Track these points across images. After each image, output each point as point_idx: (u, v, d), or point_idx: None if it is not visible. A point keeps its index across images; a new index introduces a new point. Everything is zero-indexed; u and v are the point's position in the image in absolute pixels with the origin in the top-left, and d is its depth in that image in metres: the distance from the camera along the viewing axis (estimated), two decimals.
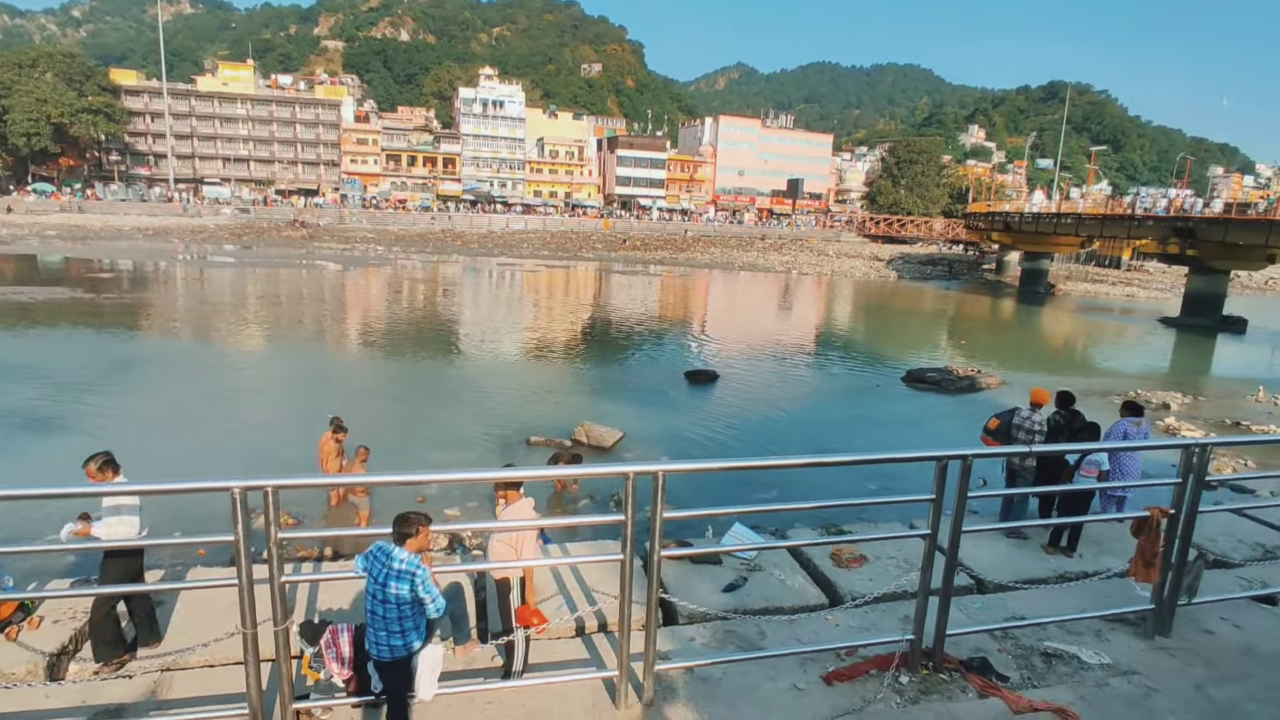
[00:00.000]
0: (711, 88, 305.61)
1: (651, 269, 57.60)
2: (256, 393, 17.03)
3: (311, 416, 13.73)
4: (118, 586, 4.97)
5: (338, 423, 9.65)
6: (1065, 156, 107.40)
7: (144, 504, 5.22)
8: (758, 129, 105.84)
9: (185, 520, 8.63)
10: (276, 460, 11.69)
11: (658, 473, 3.75)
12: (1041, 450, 5.65)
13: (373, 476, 8.23)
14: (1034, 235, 54.60)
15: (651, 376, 20.85)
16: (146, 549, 5.78)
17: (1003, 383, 20.59)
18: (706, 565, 6.13)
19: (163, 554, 8.10)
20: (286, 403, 16.13)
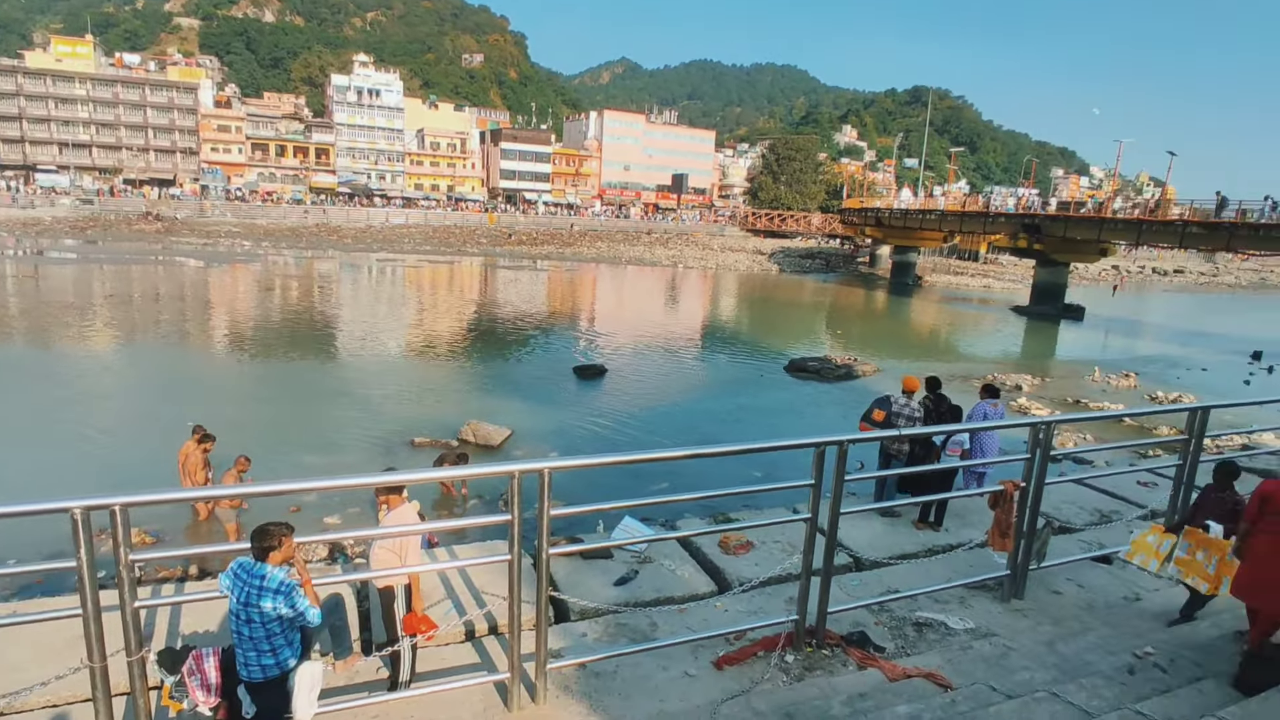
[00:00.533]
0: (596, 82, 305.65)
1: (538, 264, 57.07)
2: (107, 400, 15.61)
3: (171, 425, 12.71)
4: None
5: (202, 431, 8.95)
6: (929, 157, 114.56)
7: None
8: (642, 124, 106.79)
9: (28, 544, 7.79)
10: (133, 473, 10.75)
11: (543, 470, 3.70)
12: (911, 433, 6.02)
13: (238, 488, 7.70)
14: (903, 230, 58.10)
15: (540, 372, 20.68)
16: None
17: (877, 370, 21.76)
18: (598, 560, 6.13)
19: None
20: (143, 411, 14.88)
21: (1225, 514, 5.08)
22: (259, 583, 3.47)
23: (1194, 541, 5.07)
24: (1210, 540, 4.98)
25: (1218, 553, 4.93)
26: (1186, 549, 5.08)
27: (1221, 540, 4.93)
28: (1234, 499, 5.17)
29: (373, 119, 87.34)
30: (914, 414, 7.81)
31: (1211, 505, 5.23)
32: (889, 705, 4.10)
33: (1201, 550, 5.02)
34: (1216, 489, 5.28)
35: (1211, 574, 4.96)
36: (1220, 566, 4.91)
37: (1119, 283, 67.48)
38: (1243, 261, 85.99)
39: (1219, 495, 5.24)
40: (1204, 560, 5.00)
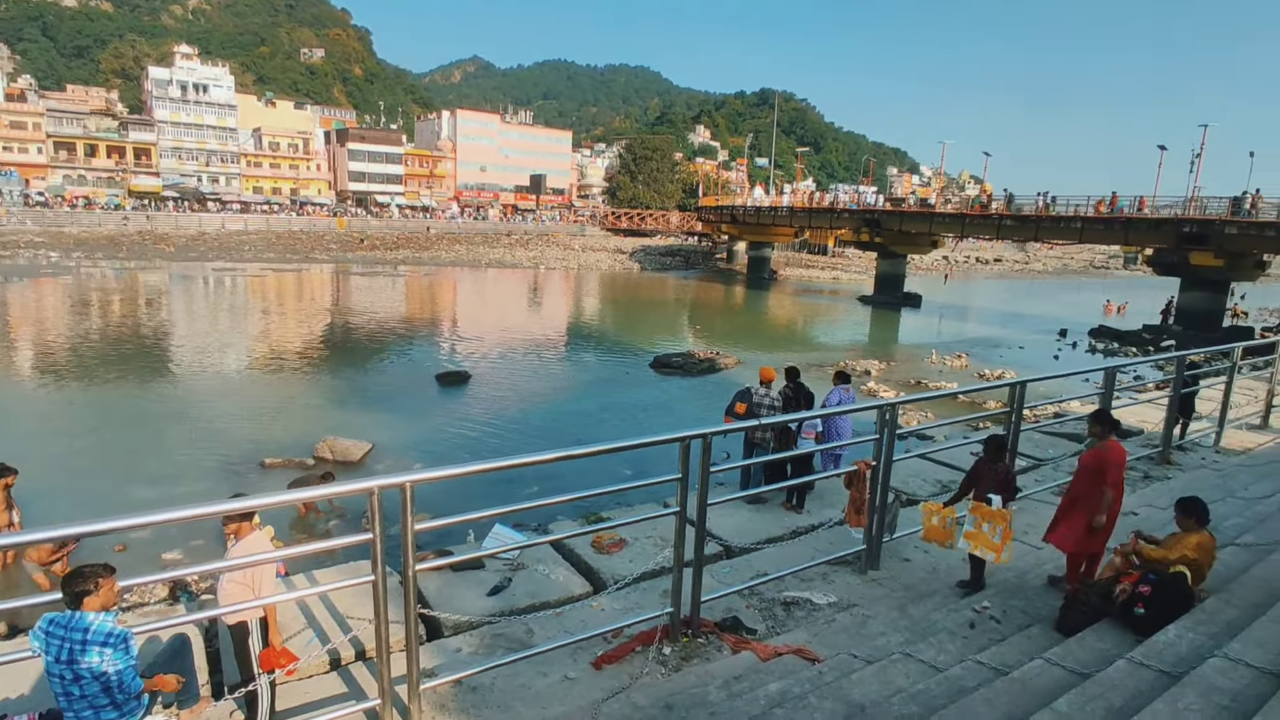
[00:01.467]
0: (447, 80, 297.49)
1: (394, 269, 54.83)
2: None
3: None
4: None
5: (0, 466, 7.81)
6: (777, 156, 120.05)
7: None
8: (498, 124, 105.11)
9: None
10: None
11: (405, 484, 3.54)
12: (769, 422, 6.29)
13: (51, 531, 6.81)
14: (757, 227, 60.64)
15: (401, 382, 19.89)
16: None
17: (739, 362, 22.58)
18: (470, 571, 5.96)
19: None
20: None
21: (999, 484, 5.38)
22: (81, 635, 3.09)
23: (980, 515, 5.32)
24: (993, 512, 5.26)
25: (1001, 523, 5.23)
26: (973, 523, 5.35)
27: (1003, 510, 5.24)
28: (1005, 469, 5.48)
29: (201, 116, 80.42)
30: (774, 403, 8.17)
31: (987, 477, 5.48)
32: (762, 684, 4.25)
33: (987, 522, 5.28)
34: (989, 461, 5.53)
35: (997, 543, 5.25)
36: (1004, 535, 5.23)
37: (949, 272, 73.79)
38: (1049, 250, 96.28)
39: (992, 467, 5.49)
40: (990, 531, 5.26)
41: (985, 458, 5.58)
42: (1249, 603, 4.33)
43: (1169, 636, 4.00)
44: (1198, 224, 32.95)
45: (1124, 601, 4.48)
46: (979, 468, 5.61)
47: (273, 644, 4.53)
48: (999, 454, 5.54)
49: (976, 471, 5.62)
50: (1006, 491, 5.39)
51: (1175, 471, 8.96)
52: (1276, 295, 53.40)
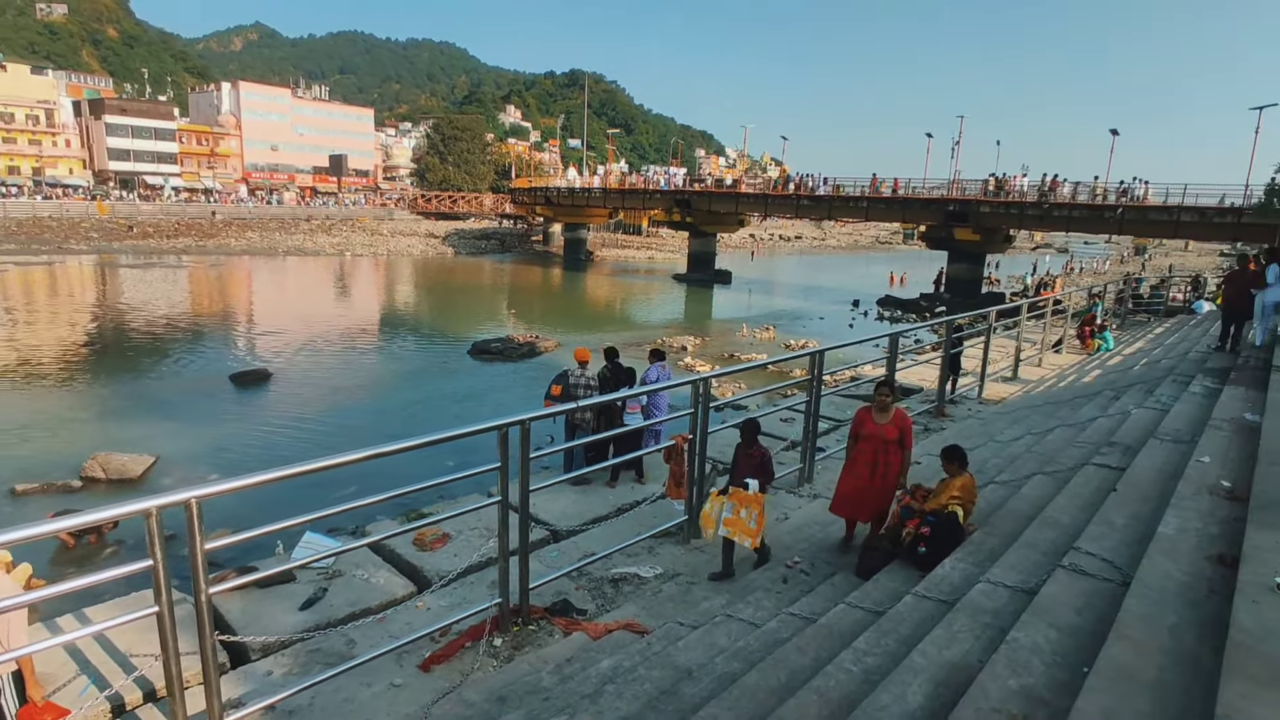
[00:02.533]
0: (226, 48, 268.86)
1: (173, 260, 49.08)
2: None
3: None
4: None
5: None
6: (590, 137, 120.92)
7: None
8: (289, 99, 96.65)
9: None
10: None
11: (190, 501, 3.19)
12: (587, 404, 6.34)
13: None
14: (571, 208, 60.76)
15: (188, 386, 17.92)
16: None
17: (559, 345, 22.60)
18: (279, 586, 5.51)
19: None
20: None
21: (755, 468, 5.42)
22: None
23: (738, 501, 5.33)
24: (749, 497, 5.29)
25: (756, 507, 5.28)
26: (731, 509, 5.34)
27: (758, 494, 5.30)
28: (761, 452, 5.51)
29: None
30: (590, 384, 8.25)
31: (743, 462, 5.49)
32: (594, 663, 4.31)
33: (744, 508, 5.30)
34: (745, 446, 5.54)
35: (753, 528, 5.28)
36: (758, 521, 5.28)
37: (756, 249, 78.40)
38: (841, 227, 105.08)
39: (747, 452, 5.52)
40: (746, 517, 5.28)
41: (741, 443, 5.58)
42: (1005, 533, 5.00)
43: (945, 570, 4.53)
44: (959, 204, 37.48)
45: (909, 543, 5.02)
46: (737, 453, 5.60)
47: (32, 699, 3.94)
48: (753, 438, 5.54)
49: (736, 457, 5.61)
50: (763, 475, 5.44)
51: (948, 423, 10.15)
52: (1021, 264, 61.89)
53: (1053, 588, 3.69)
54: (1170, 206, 32.23)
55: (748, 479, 5.34)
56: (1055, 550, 4.35)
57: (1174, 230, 33.43)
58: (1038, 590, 3.72)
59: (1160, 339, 16.52)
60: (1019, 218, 36.85)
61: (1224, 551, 3.69)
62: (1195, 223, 31.74)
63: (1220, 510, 4.30)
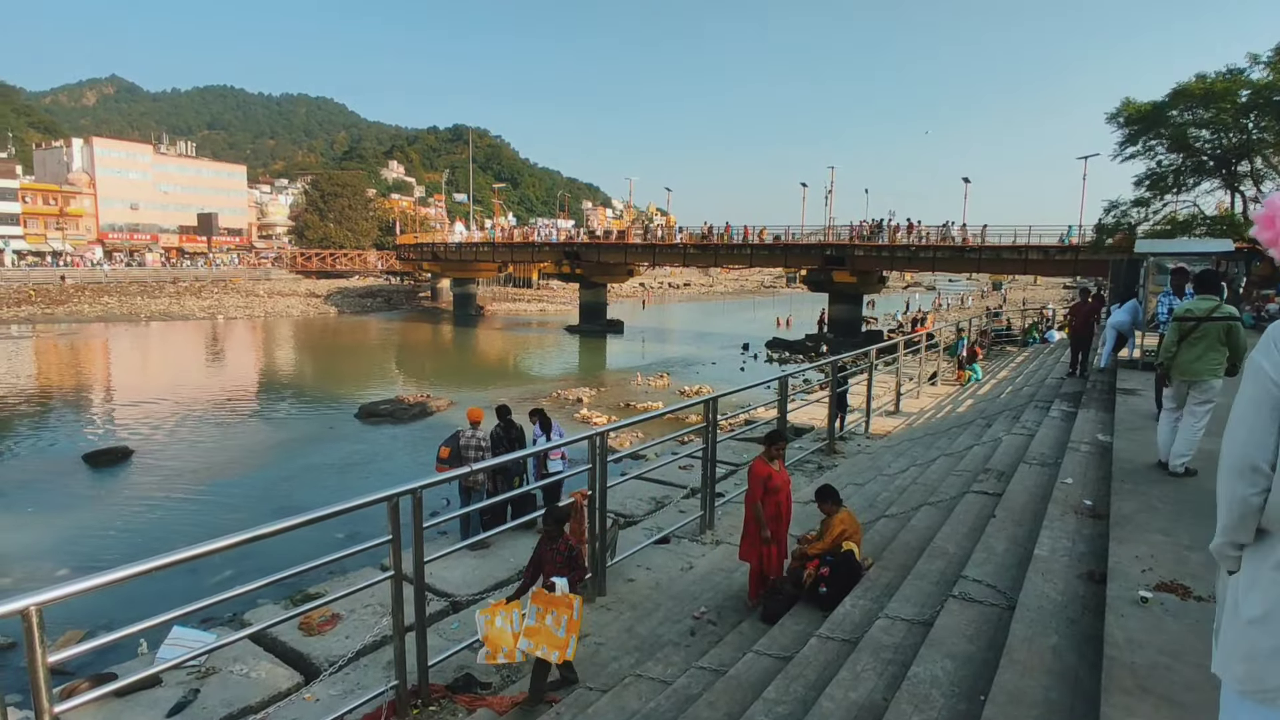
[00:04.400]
0: (77, 103, 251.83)
1: (14, 330, 44.79)
2: None
3: None
4: None
5: None
6: (476, 192, 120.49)
7: None
8: (150, 156, 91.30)
9: None
10: None
11: (29, 608, 2.82)
12: (482, 466, 6.15)
13: None
14: (459, 263, 60.05)
15: (34, 467, 16.22)
16: None
17: (451, 403, 22.02)
18: (141, 693, 4.96)
19: None
20: None
21: (564, 563, 4.51)
22: None
23: (542, 605, 4.36)
24: (556, 599, 4.34)
25: (566, 612, 4.32)
26: (535, 614, 4.36)
27: (569, 596, 4.35)
28: (568, 544, 4.63)
29: None
30: (482, 444, 8.04)
31: (549, 558, 4.55)
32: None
33: (551, 613, 4.33)
34: (547, 539, 4.60)
35: (562, 637, 4.33)
36: (569, 626, 4.33)
37: (646, 298, 79.76)
38: (728, 274, 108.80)
39: (551, 546, 4.56)
40: (553, 624, 4.32)
41: (544, 534, 4.65)
42: (899, 565, 5.18)
43: (846, 608, 4.63)
44: (836, 248, 39.72)
45: (811, 584, 5.10)
46: (539, 549, 4.64)
47: None
48: (557, 528, 4.60)
49: (538, 554, 4.63)
50: (575, 571, 4.53)
51: (840, 460, 10.52)
52: (895, 303, 65.89)
53: (946, 618, 3.82)
54: (1019, 246, 35.46)
55: (554, 578, 4.40)
56: (945, 580, 4.53)
57: (1024, 267, 36.74)
58: (933, 622, 3.85)
59: (1021, 367, 17.90)
60: (890, 259, 39.51)
61: (1093, 568, 3.95)
62: (1041, 260, 35.13)
63: (1086, 528, 4.63)
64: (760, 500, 5.35)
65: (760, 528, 5.33)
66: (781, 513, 5.52)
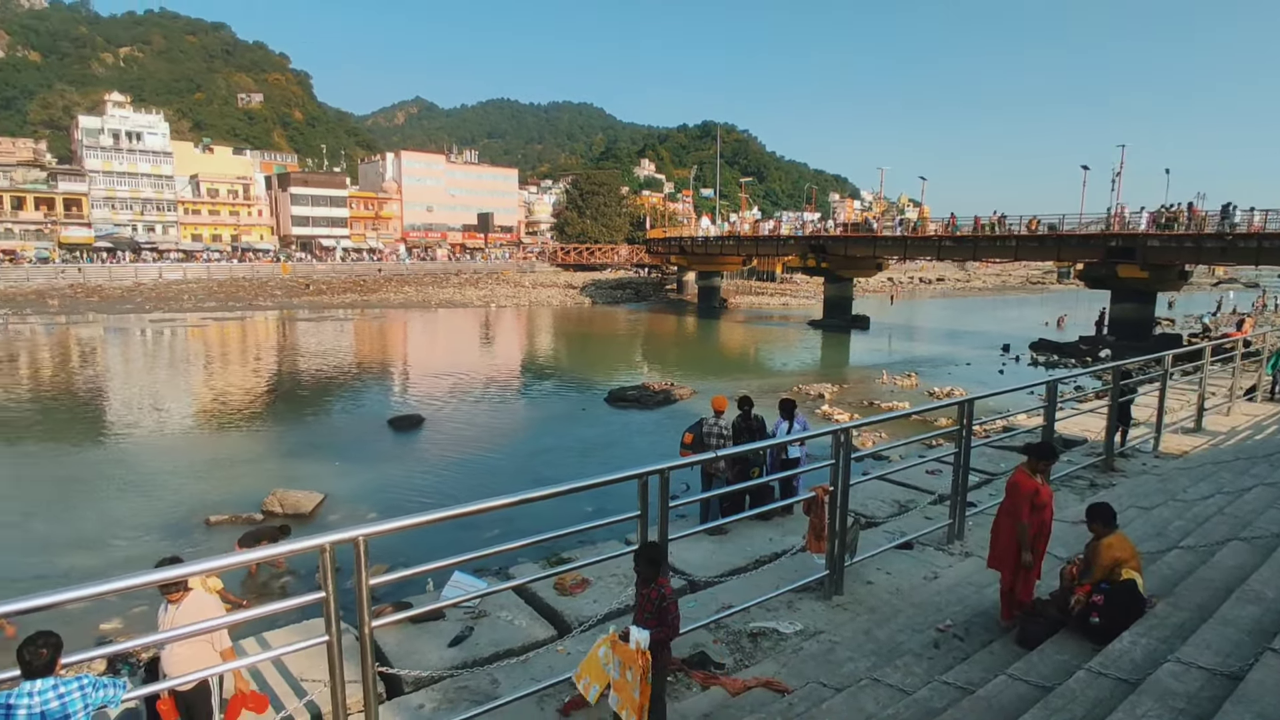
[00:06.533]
0: (391, 122, 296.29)
1: (341, 313, 53.88)
2: None
3: None
4: None
5: None
6: (722, 186, 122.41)
7: None
8: (443, 164, 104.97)
9: None
10: None
11: (358, 539, 3.44)
12: (726, 453, 6.31)
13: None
14: (705, 256, 61.45)
15: (352, 429, 19.45)
16: None
17: (693, 392, 22.67)
18: (429, 623, 5.80)
19: None
20: None
21: (654, 613, 3.81)
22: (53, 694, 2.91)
23: (622, 657, 3.74)
24: (630, 654, 3.68)
25: (639, 670, 3.61)
26: (618, 667, 3.76)
27: (643, 653, 3.63)
28: (659, 592, 3.84)
29: (135, 165, 78.48)
30: (724, 433, 8.20)
31: (639, 603, 3.95)
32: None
33: (629, 668, 3.68)
34: (642, 582, 3.92)
35: (637, 699, 3.62)
36: (642, 690, 3.60)
37: (895, 293, 75.75)
38: (987, 268, 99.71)
39: (645, 590, 3.90)
40: (631, 681, 3.65)
41: (637, 575, 3.97)
42: (1196, 605, 4.46)
43: (1124, 644, 4.09)
44: (1123, 239, 34.56)
45: (1079, 612, 4.57)
46: (638, 591, 4.00)
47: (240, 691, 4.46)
48: (650, 569, 3.88)
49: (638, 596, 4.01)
50: (662, 627, 3.79)
51: (1119, 478, 9.24)
52: (1201, 303, 56.03)
53: (1262, 673, 3.24)
54: None
55: (633, 627, 3.78)
56: (1261, 630, 3.83)
57: None
58: (1243, 675, 3.28)
59: None
60: (1195, 251, 33.39)
61: None
62: None
63: None
64: (1025, 519, 4.87)
65: (1022, 549, 4.87)
66: (1044, 532, 5.01)
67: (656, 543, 4.21)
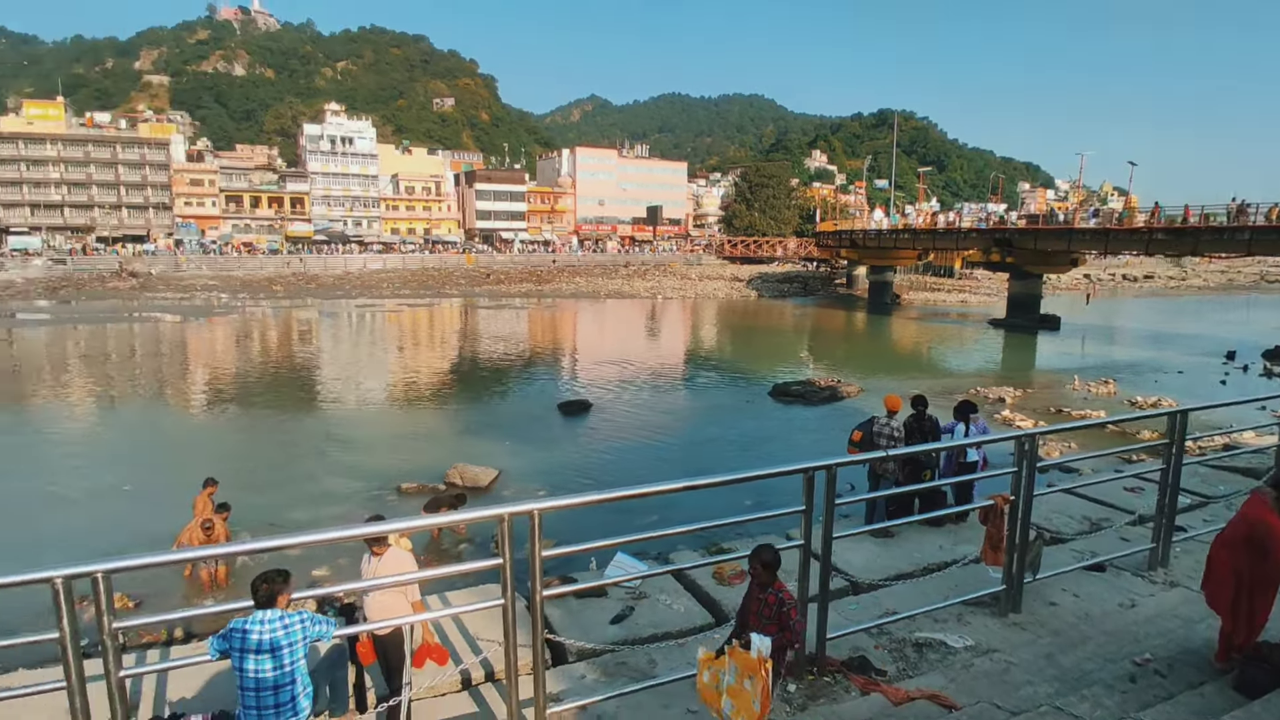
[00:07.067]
0: (567, 120, 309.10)
1: (517, 302, 57.13)
2: (80, 464, 15.29)
3: (150, 487, 12.59)
4: None
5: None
6: (898, 177, 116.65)
7: None
8: (615, 159, 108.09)
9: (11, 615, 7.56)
10: (112, 537, 10.52)
11: (534, 512, 3.67)
12: (896, 453, 6.05)
13: (223, 547, 7.58)
14: (877, 250, 58.90)
15: (524, 411, 20.61)
16: None
17: (861, 390, 21.88)
18: (592, 599, 6.06)
19: None
20: (129, 474, 14.56)
21: (774, 618, 3.80)
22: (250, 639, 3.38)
23: (740, 664, 3.60)
24: (749, 661, 3.54)
25: (761, 678, 3.49)
26: (735, 674, 3.62)
27: (764, 660, 3.51)
28: (778, 598, 3.83)
29: (346, 166, 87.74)
30: (895, 433, 7.86)
31: (755, 608, 3.92)
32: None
33: (748, 676, 3.55)
34: (758, 586, 3.95)
35: (757, 710, 3.48)
36: (763, 699, 3.47)
37: (1091, 291, 68.61)
38: (1209, 264, 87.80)
39: (760, 595, 3.92)
40: (751, 690, 3.52)
41: (754, 580, 3.97)
42: None
43: None
44: None
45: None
46: (748, 595, 4.04)
47: (426, 641, 4.91)
48: (768, 574, 3.86)
49: (746, 600, 4.06)
50: (784, 632, 3.76)
51: None
52: None
53: None
54: None
55: (754, 634, 3.66)
56: None
57: None
58: None
59: None
60: None
61: None
62: None
63: None
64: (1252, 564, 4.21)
65: (1239, 594, 4.26)
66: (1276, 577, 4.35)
67: (772, 545, 4.05)
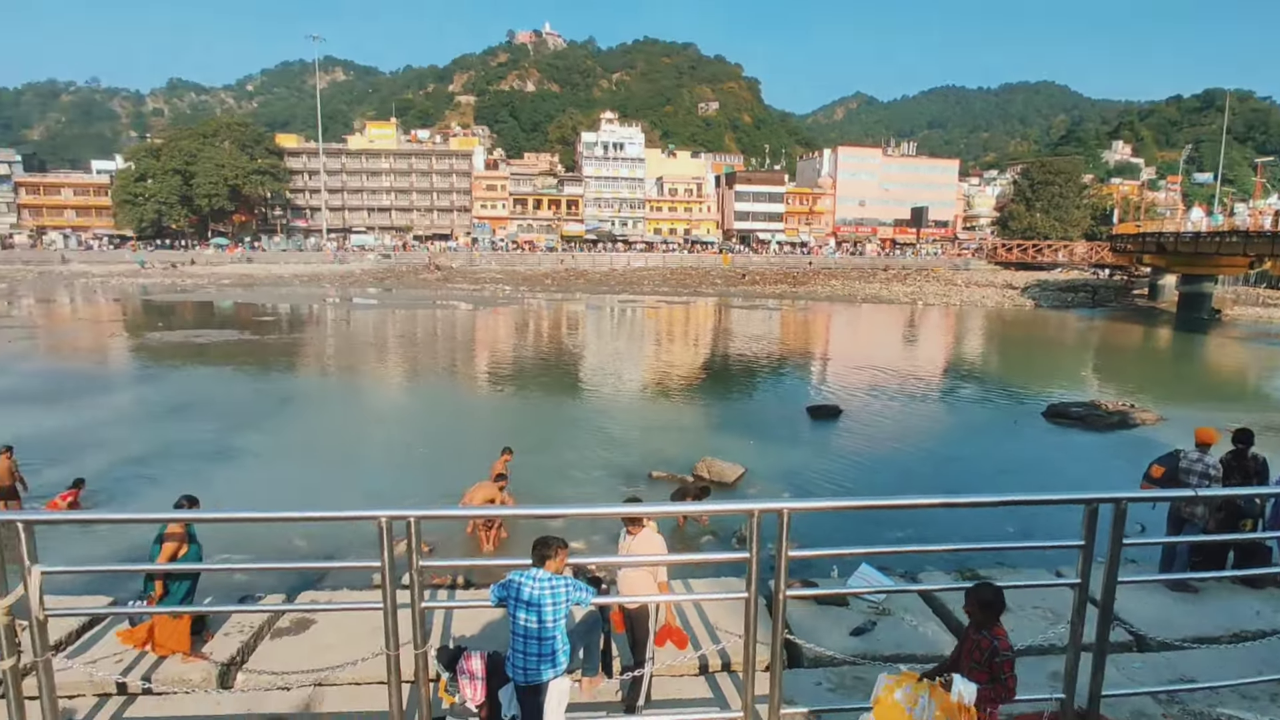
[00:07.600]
0: (830, 119, 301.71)
1: (770, 303, 57.11)
2: (397, 427, 18.16)
3: (450, 449, 14.62)
4: None
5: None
6: (1226, 169, 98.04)
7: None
8: (878, 158, 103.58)
9: (335, 543, 9.27)
10: (414, 489, 12.38)
11: (783, 511, 3.72)
12: (1207, 495, 5.11)
13: (503, 510, 8.64)
14: (1192, 256, 49.92)
15: (772, 411, 20.62)
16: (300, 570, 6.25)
17: (1160, 419, 18.85)
18: (832, 607, 5.95)
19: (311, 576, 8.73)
20: (426, 437, 17.08)
21: (983, 662, 3.51)
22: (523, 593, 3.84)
23: (938, 702, 3.45)
24: (951, 705, 3.37)
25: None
26: (932, 712, 3.48)
27: (970, 709, 3.32)
28: (991, 643, 3.53)
29: (616, 170, 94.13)
30: (1208, 471, 6.65)
31: (967, 648, 3.68)
32: None
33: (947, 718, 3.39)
34: (974, 627, 3.69)
35: None
36: None
37: None
38: None
39: (975, 636, 3.65)
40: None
41: (971, 620, 3.73)
42: None
43: None
44: None
45: None
46: (966, 633, 3.82)
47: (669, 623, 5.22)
48: (985, 615, 3.62)
49: (962, 639, 3.86)
50: (993, 683, 3.50)
51: None
52: None
53: None
54: None
55: (957, 675, 3.49)
56: None
57: None
58: None
59: None
60: None
61: None
62: None
63: None
64: None
65: None
66: None
67: (994, 584, 3.73)
